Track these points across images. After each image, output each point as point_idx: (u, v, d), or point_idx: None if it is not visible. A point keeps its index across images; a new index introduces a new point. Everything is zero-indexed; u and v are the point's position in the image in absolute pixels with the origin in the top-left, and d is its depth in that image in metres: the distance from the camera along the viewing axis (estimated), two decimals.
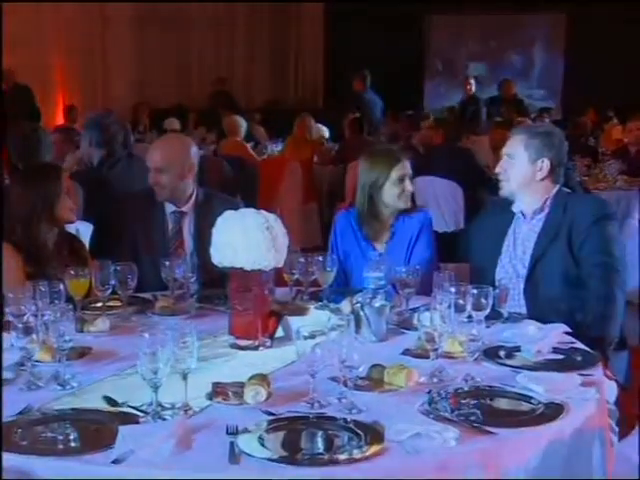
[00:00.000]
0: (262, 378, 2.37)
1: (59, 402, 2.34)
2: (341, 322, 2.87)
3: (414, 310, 3.03)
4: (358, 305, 2.89)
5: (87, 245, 3.92)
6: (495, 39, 14.41)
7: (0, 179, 4.72)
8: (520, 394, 2.36)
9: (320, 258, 3.32)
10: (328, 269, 3.31)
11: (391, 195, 3.72)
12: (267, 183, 7.54)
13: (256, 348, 2.81)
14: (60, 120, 12.03)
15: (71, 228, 3.78)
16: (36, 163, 4.51)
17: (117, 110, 10.90)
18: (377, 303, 2.93)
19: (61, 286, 2.90)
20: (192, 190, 3.92)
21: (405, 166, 3.73)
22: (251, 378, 2.36)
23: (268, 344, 2.83)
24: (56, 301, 2.82)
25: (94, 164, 5.14)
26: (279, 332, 2.86)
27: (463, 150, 6.96)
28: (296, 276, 3.32)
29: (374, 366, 2.47)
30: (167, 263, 3.27)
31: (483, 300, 2.71)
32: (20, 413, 2.25)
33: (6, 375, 2.50)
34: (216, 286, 3.29)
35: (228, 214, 2.89)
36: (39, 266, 3.47)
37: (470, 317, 2.60)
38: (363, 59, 11.85)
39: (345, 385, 2.32)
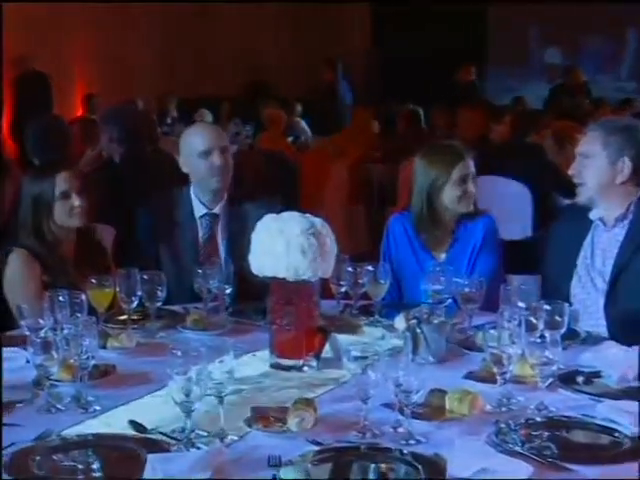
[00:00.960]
0: (307, 403, 2.37)
1: (80, 427, 2.37)
2: (396, 341, 2.91)
3: (478, 328, 3.01)
4: (414, 322, 2.89)
5: (109, 251, 3.96)
6: (573, 26, 14.22)
7: None
8: (601, 426, 2.34)
9: (371, 268, 3.32)
10: (380, 280, 3.31)
11: (452, 197, 3.71)
12: (309, 182, 7.55)
13: (300, 369, 2.81)
14: (78, 111, 12.19)
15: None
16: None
17: (141, 100, 11.04)
18: (436, 320, 2.92)
19: (83, 296, 2.93)
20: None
21: (468, 165, 3.72)
22: (295, 403, 2.36)
23: (314, 364, 2.83)
24: (77, 313, 2.85)
25: (115, 161, 5.20)
26: (326, 351, 2.86)
27: (532, 147, 6.89)
28: (344, 288, 3.33)
29: (433, 391, 2.46)
30: (200, 272, 3.29)
31: (557, 318, 2.69)
32: (37, 438, 2.27)
33: (22, 396, 2.53)
34: (254, 298, 3.30)
35: (269, 218, 2.90)
36: (57, 274, 3.52)
37: (543, 337, 2.58)
38: (416, 48, 11.94)
39: (401, 412, 2.31)
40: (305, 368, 2.82)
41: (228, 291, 3.33)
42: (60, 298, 2.86)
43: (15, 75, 11.32)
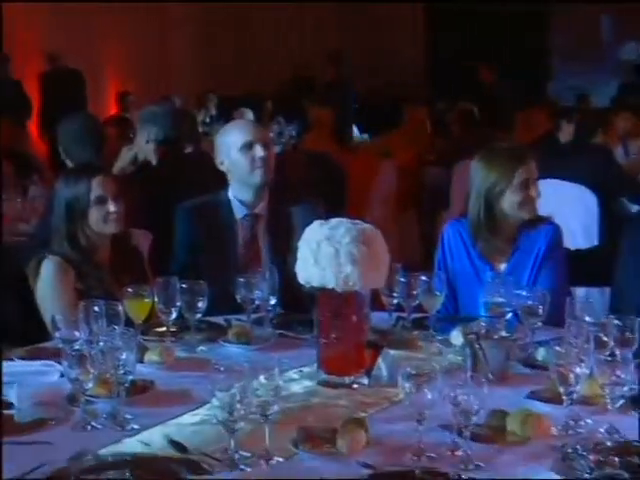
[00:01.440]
0: (359, 423, 2.37)
1: (117, 446, 2.37)
2: (453, 357, 2.89)
3: (541, 344, 3.00)
4: (473, 337, 2.86)
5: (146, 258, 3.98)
6: None
7: None
8: None
9: (425, 278, 3.30)
10: (435, 292, 3.29)
11: (512, 203, 3.68)
12: (357, 185, 7.54)
13: (350, 386, 2.80)
14: (111, 109, 12.30)
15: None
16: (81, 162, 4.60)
17: (178, 98, 11.12)
18: (496, 335, 2.90)
19: (119, 307, 2.95)
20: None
21: (530, 168, 3.69)
22: (345, 422, 2.36)
23: (365, 382, 2.82)
24: (114, 325, 2.86)
25: (153, 163, 5.22)
26: (378, 367, 2.85)
27: (598, 148, 6.83)
28: (397, 299, 3.31)
29: (494, 412, 2.44)
30: (243, 281, 3.29)
31: (629, 334, 2.66)
32: (72, 458, 2.28)
33: (55, 412, 2.55)
34: (300, 310, 3.30)
35: (316, 224, 2.89)
36: (92, 283, 3.55)
37: (613, 355, 2.55)
38: (476, 47, 11.99)
39: (459, 434, 2.30)
40: (355, 385, 2.81)
41: (272, 302, 3.32)
42: (95, 308, 2.87)
43: (46, 72, 11.46)
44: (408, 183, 8.18)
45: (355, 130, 10.63)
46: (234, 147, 3.89)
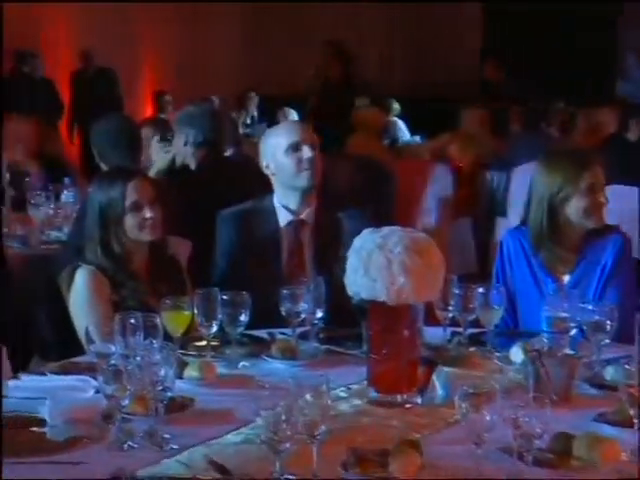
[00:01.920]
0: (412, 445, 2.36)
1: (155, 467, 2.38)
2: (514, 376, 2.88)
3: (609, 362, 2.98)
4: (534, 354, 2.85)
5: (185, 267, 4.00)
6: None
7: None
8: None
9: (483, 290, 3.29)
10: (494, 305, 3.28)
11: (578, 210, 3.65)
12: (408, 191, 7.52)
13: (402, 405, 2.80)
14: (146, 110, 12.39)
15: None
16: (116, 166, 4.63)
17: (217, 99, 11.17)
18: (560, 352, 2.88)
19: (157, 319, 2.96)
20: None
21: (597, 172, 3.67)
22: (398, 444, 2.35)
23: (418, 401, 2.81)
24: (151, 338, 2.87)
25: (191, 167, 5.25)
26: (432, 386, 2.84)
27: None
28: (452, 313, 3.30)
29: (558, 435, 2.42)
30: (288, 293, 3.29)
31: None
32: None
33: (90, 430, 2.56)
34: (349, 324, 3.30)
35: (367, 232, 2.89)
36: (127, 294, 3.58)
37: None
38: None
39: (521, 459, 2.28)
40: (408, 405, 2.80)
41: (319, 315, 3.32)
42: (132, 320, 2.88)
43: (78, 71, 11.56)
44: (463, 188, 8.15)
45: (406, 132, 10.63)
46: (280, 149, 3.92)
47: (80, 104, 11.35)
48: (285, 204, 3.95)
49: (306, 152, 3.89)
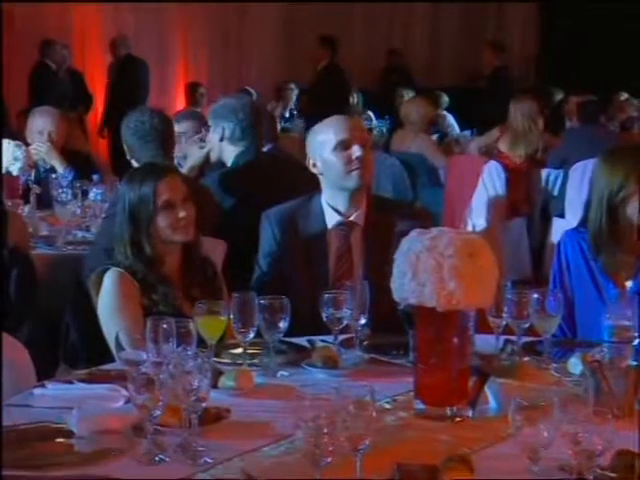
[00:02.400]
0: (463, 461, 2.35)
1: None
2: (572, 388, 2.86)
3: None
4: (595, 365, 2.83)
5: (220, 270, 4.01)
6: None
7: None
8: None
9: (538, 296, 3.27)
10: (550, 312, 3.26)
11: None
12: (458, 189, 7.52)
13: (452, 418, 2.79)
14: (179, 102, 12.45)
15: None
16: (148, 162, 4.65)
17: (255, 91, 11.21)
18: (622, 363, 2.85)
19: (191, 325, 2.97)
20: None
21: None
22: (447, 460, 2.35)
23: (469, 414, 2.81)
24: (185, 345, 2.89)
25: (227, 163, 5.27)
26: (484, 398, 2.83)
27: None
28: (505, 321, 3.29)
29: (621, 452, 2.40)
30: (330, 298, 3.29)
31: None
32: None
33: (120, 442, 2.58)
34: (394, 331, 3.30)
35: (416, 234, 2.88)
36: (159, 298, 3.60)
37: None
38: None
39: (580, 477, 2.27)
40: (457, 418, 2.80)
41: (363, 321, 3.32)
42: (164, 326, 2.89)
43: (110, 63, 11.63)
44: (517, 186, 8.11)
45: (456, 126, 10.61)
46: (328, 146, 3.92)
47: (110, 97, 11.42)
48: (333, 205, 3.96)
49: (356, 151, 3.89)
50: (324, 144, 3.94)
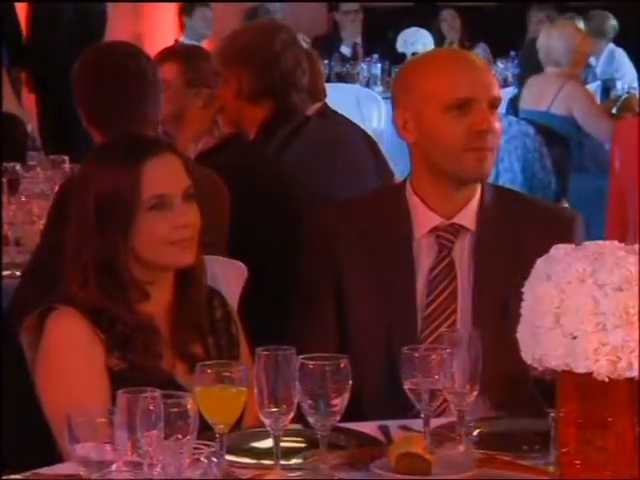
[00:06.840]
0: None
1: None
2: None
3: None
4: None
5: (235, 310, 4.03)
6: None
7: None
8: None
9: None
10: None
11: None
12: (629, 175, 7.52)
13: None
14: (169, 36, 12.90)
15: None
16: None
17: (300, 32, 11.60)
18: None
19: (188, 402, 2.99)
20: None
21: None
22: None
23: None
24: (178, 435, 2.91)
25: (248, 135, 5.31)
26: None
27: None
28: None
29: None
30: (415, 356, 3.30)
31: None
32: None
33: None
34: (520, 410, 3.34)
35: (561, 250, 2.89)
36: (137, 357, 3.61)
37: None
38: None
39: None
40: None
41: (472, 397, 3.33)
42: (145, 403, 2.92)
43: None
44: None
45: (631, 70, 10.61)
46: (437, 104, 3.94)
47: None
48: (425, 199, 3.97)
49: (483, 119, 3.93)
50: (428, 99, 3.96)
